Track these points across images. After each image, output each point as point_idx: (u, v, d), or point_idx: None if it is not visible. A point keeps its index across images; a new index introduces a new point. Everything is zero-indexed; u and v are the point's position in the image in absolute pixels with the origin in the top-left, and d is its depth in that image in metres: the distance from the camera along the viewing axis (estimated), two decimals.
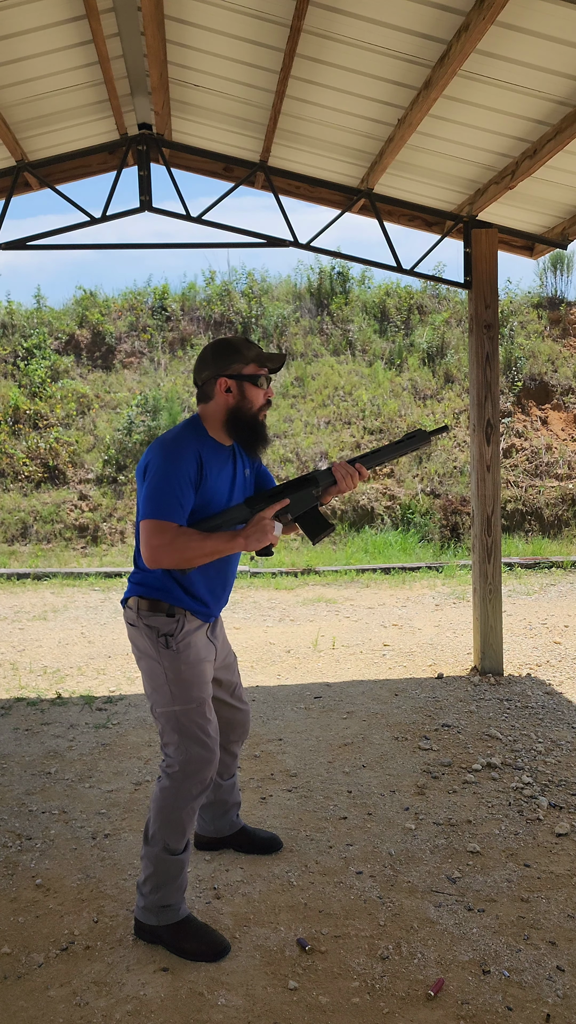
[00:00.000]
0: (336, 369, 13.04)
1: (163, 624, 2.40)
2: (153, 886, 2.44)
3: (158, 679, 2.44)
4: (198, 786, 2.45)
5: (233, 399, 2.40)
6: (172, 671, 2.42)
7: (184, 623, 2.43)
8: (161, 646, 2.41)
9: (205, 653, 2.49)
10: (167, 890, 2.44)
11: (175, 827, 2.43)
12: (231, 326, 13.63)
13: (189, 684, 2.42)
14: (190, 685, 2.42)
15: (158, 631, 2.41)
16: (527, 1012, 2.15)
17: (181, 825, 2.43)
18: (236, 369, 2.39)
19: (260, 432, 2.44)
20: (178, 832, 2.44)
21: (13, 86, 4.00)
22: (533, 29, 3.18)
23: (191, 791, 2.43)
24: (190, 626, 2.44)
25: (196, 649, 2.45)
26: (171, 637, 2.41)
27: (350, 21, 3.34)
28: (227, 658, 2.74)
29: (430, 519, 11.11)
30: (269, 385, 2.45)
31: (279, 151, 4.84)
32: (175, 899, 2.45)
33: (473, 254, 5.07)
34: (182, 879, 2.47)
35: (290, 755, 3.91)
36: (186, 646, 2.43)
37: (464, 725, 4.28)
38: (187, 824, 2.45)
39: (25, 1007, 2.21)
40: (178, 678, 2.42)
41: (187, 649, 2.42)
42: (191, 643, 2.44)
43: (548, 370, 12.84)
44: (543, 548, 10.54)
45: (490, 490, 5.11)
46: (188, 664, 2.42)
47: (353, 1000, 2.21)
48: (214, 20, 3.60)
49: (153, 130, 4.85)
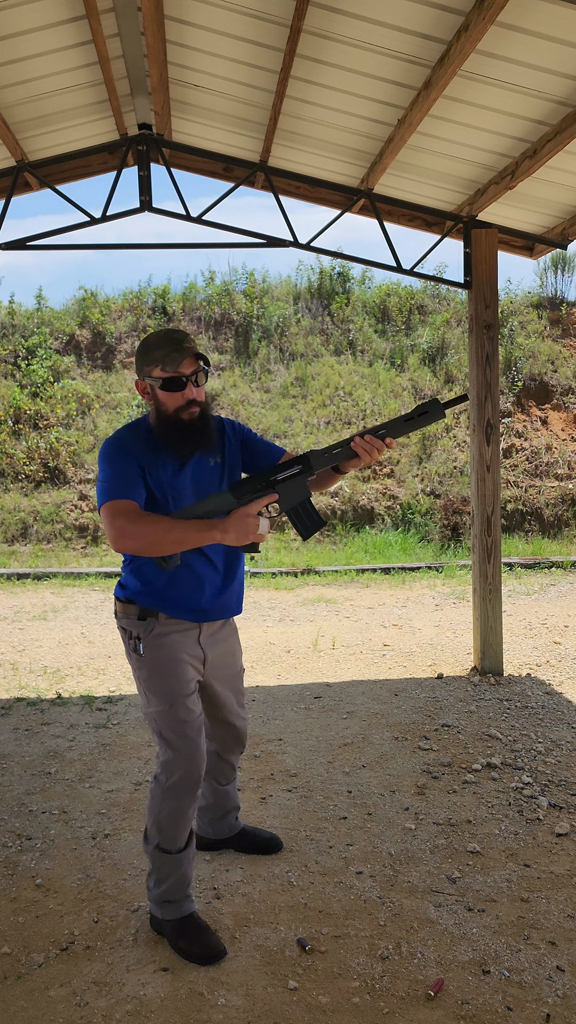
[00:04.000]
0: (336, 369, 13.04)
1: (133, 627, 2.38)
2: (155, 880, 2.46)
3: (136, 681, 2.44)
4: (182, 786, 2.41)
5: (152, 401, 2.34)
6: (143, 674, 2.40)
7: (155, 626, 2.37)
8: (132, 648, 2.39)
9: (182, 652, 2.40)
10: (167, 886, 2.44)
11: (164, 827, 2.41)
12: (231, 326, 13.64)
13: (161, 686, 2.38)
14: (162, 687, 2.38)
15: (130, 634, 2.39)
16: (527, 1012, 2.15)
17: (172, 825, 2.40)
18: (147, 372, 2.31)
19: (186, 433, 2.30)
20: (169, 833, 2.41)
21: (13, 86, 4.00)
22: (533, 29, 3.18)
23: (175, 791, 2.40)
24: (164, 628, 2.38)
25: (168, 650, 2.38)
26: (139, 640, 2.37)
27: (350, 21, 3.34)
28: (228, 669, 2.63)
29: (430, 519, 11.11)
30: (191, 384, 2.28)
31: (279, 151, 4.84)
32: (176, 895, 2.45)
33: (473, 254, 5.07)
34: (182, 876, 2.45)
35: (290, 755, 3.91)
36: (155, 648, 2.37)
37: (464, 725, 4.28)
38: (178, 825, 2.41)
39: (25, 1007, 2.21)
40: (149, 680, 2.39)
41: (156, 651, 2.37)
42: (161, 645, 2.38)
43: (548, 370, 12.84)
44: (543, 548, 10.54)
45: (490, 490, 5.12)
46: (158, 666, 2.37)
47: (353, 1000, 2.21)
48: (214, 20, 3.60)
49: (153, 130, 4.85)
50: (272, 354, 13.31)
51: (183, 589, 2.38)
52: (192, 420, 2.29)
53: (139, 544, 2.17)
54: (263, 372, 13.08)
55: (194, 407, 2.29)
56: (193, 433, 2.30)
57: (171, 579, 2.36)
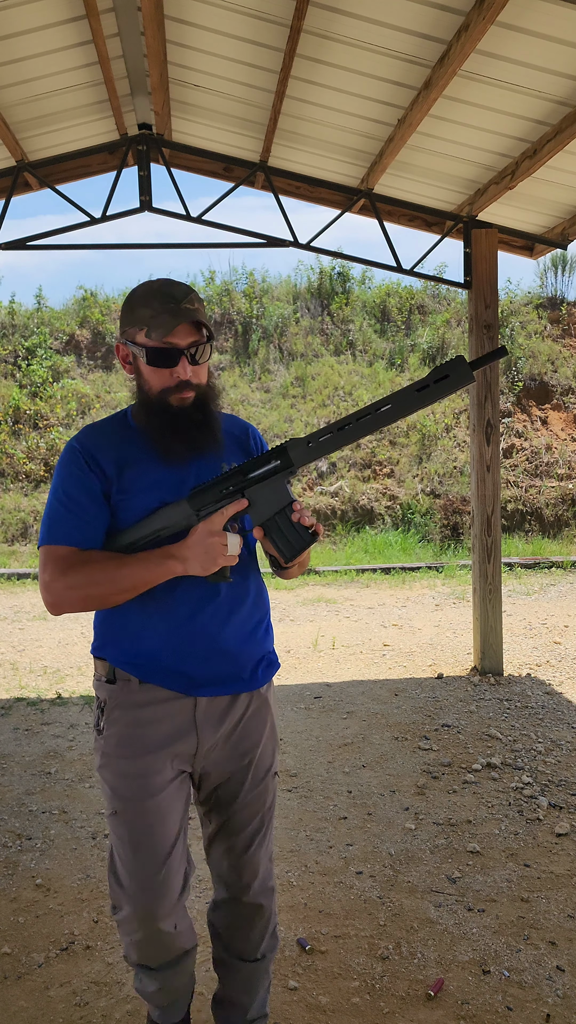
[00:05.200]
0: (336, 369, 13.04)
1: (100, 691, 1.72)
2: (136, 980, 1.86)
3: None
4: (133, 951, 1.74)
5: (134, 375, 1.70)
6: (97, 759, 1.73)
7: (126, 694, 1.68)
8: (94, 723, 1.74)
9: (158, 734, 1.66)
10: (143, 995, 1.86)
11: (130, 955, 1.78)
12: (231, 326, 13.64)
13: (115, 779, 1.68)
14: (116, 781, 1.68)
15: (96, 701, 1.74)
16: (527, 1012, 2.15)
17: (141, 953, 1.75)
18: (129, 335, 1.68)
19: (177, 425, 1.65)
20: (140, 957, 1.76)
21: (13, 86, 4.00)
22: (533, 29, 3.18)
23: (128, 950, 1.76)
24: (138, 697, 1.67)
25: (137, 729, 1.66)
26: (101, 713, 1.71)
27: (350, 21, 3.33)
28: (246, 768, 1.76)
29: (430, 519, 11.11)
30: (186, 360, 1.64)
31: (279, 151, 4.84)
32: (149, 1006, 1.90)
33: (473, 254, 5.07)
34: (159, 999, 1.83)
35: (290, 755, 3.91)
36: (120, 724, 1.68)
37: (464, 725, 4.28)
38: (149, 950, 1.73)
39: (25, 1007, 2.21)
40: (103, 769, 1.71)
41: (120, 729, 1.68)
42: (128, 721, 1.67)
43: (548, 370, 12.84)
44: (543, 548, 10.54)
45: (490, 490, 5.12)
46: (117, 749, 1.68)
47: (353, 1000, 2.21)
48: (214, 20, 3.60)
49: (153, 130, 4.85)
50: (272, 354, 13.31)
51: (184, 639, 1.67)
52: (184, 408, 1.65)
53: (79, 602, 1.61)
54: (263, 372, 13.08)
55: (187, 391, 1.65)
56: (186, 426, 1.65)
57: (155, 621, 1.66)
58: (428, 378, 1.56)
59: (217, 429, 1.70)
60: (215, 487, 1.63)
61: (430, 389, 1.55)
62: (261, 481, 1.62)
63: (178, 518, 1.63)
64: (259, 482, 1.62)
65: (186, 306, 1.62)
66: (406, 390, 1.56)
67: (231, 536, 1.60)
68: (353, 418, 1.58)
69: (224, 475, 1.64)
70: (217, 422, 1.70)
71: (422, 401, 1.56)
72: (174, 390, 1.65)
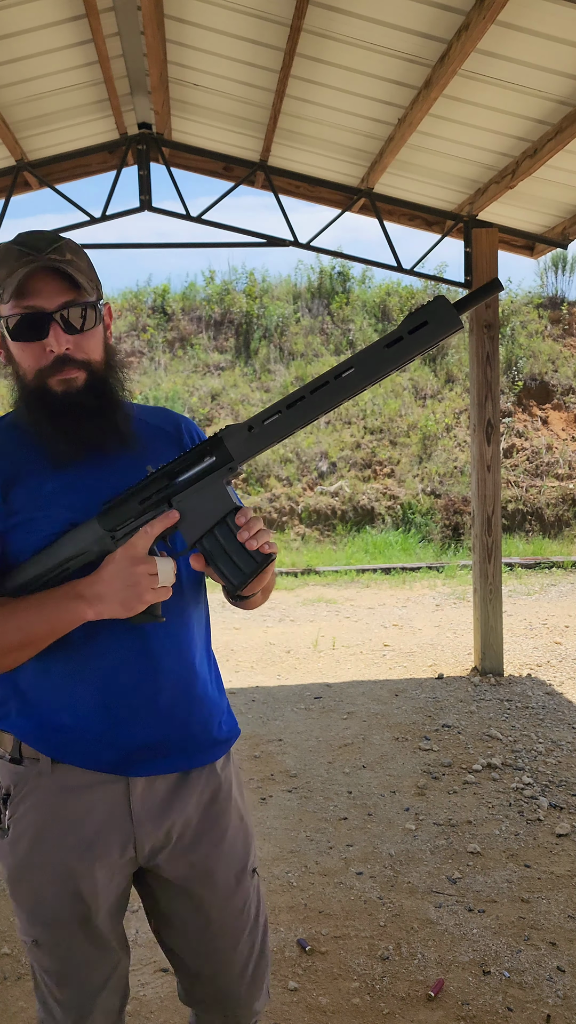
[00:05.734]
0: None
1: (3, 776, 1.32)
2: None
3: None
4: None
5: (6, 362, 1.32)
6: (5, 875, 1.31)
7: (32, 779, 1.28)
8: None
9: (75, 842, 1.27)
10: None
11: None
12: (231, 326, 13.64)
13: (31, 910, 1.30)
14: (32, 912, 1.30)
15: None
16: (527, 1013, 2.15)
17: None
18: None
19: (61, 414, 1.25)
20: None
21: (13, 85, 4.00)
22: (533, 29, 3.17)
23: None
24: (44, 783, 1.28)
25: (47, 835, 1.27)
26: (4, 806, 1.31)
27: (350, 20, 3.33)
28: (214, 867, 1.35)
29: (431, 519, 11.11)
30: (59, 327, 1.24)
31: (279, 150, 4.84)
32: None
33: (473, 254, 5.07)
34: None
35: (290, 755, 3.91)
36: (19, 820, 1.28)
37: (464, 725, 4.27)
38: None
39: (25, 1007, 2.20)
40: (11, 891, 1.31)
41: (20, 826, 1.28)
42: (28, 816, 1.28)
43: (548, 370, 12.83)
44: (543, 548, 10.54)
45: (490, 490, 5.11)
46: (21, 865, 1.28)
47: (353, 1000, 2.21)
48: (214, 19, 3.59)
49: (153, 129, 4.85)
50: (272, 354, 13.30)
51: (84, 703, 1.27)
52: (70, 393, 1.26)
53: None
54: (263, 372, 13.07)
55: (71, 369, 1.25)
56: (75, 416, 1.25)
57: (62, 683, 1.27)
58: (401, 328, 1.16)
59: (122, 419, 1.30)
60: (133, 498, 1.24)
61: (404, 342, 1.15)
62: (192, 484, 1.23)
63: (88, 543, 1.24)
64: (190, 486, 1.23)
65: (51, 256, 1.22)
66: (373, 347, 1.16)
67: (160, 562, 1.21)
68: (307, 390, 1.17)
69: (144, 481, 1.25)
70: (121, 410, 1.31)
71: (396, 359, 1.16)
72: (51, 370, 1.25)
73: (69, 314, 1.24)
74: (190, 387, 12.58)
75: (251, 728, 4.30)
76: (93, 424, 1.27)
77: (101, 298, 1.31)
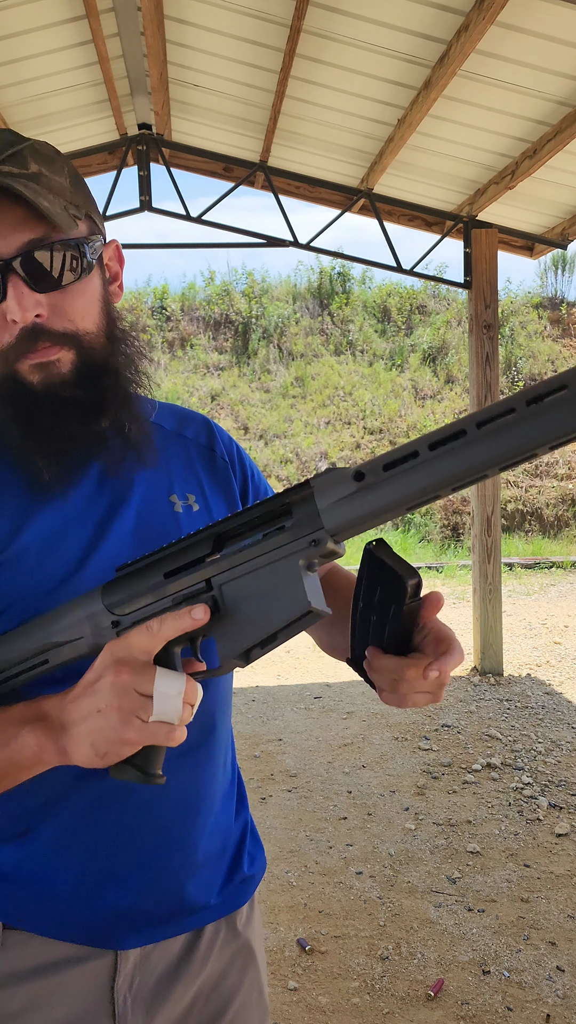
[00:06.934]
0: (336, 369, 13.04)
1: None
2: None
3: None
4: None
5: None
6: None
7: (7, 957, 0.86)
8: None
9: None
10: None
11: None
12: (231, 326, 13.64)
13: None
14: None
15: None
16: (527, 1012, 2.15)
17: None
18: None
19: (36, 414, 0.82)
20: None
21: (13, 86, 4.00)
22: (533, 29, 3.18)
23: None
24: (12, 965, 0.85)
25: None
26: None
27: (350, 21, 3.33)
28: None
29: (430, 519, 11.11)
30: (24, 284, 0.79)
31: (279, 151, 4.84)
32: None
33: (473, 254, 5.07)
34: None
35: (290, 755, 3.91)
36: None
37: (464, 725, 4.27)
38: None
39: None
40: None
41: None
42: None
43: (548, 370, 12.84)
44: (543, 548, 10.54)
45: (490, 490, 5.12)
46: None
47: (353, 1000, 2.21)
48: (214, 20, 3.60)
49: (153, 130, 4.85)
50: (272, 354, 13.30)
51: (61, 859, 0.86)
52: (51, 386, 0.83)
53: None
54: (263, 372, 13.07)
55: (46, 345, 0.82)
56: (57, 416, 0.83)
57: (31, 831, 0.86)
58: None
59: (131, 418, 0.89)
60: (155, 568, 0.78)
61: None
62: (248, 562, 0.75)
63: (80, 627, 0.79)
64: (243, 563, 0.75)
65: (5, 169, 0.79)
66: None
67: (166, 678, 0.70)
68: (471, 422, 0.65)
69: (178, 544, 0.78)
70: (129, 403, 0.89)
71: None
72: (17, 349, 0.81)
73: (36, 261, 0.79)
74: (190, 387, 12.58)
75: (251, 728, 4.30)
76: (83, 425, 0.84)
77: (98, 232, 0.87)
